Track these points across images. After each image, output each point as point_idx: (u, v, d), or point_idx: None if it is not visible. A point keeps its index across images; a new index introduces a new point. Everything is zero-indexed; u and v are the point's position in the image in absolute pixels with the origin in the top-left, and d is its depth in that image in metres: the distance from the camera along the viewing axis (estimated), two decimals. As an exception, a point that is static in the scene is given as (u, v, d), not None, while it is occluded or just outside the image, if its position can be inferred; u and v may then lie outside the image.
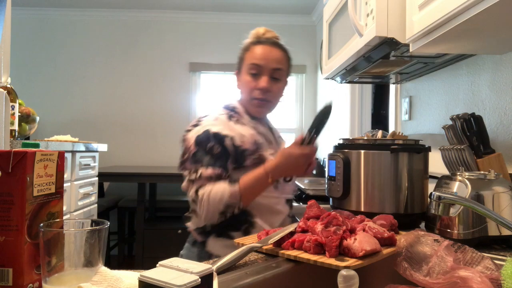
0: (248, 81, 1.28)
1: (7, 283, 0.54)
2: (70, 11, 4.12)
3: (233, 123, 1.24)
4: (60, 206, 0.62)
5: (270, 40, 1.32)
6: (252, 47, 1.30)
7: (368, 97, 2.92)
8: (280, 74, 1.29)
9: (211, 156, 1.17)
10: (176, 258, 0.52)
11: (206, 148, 1.17)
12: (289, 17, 4.15)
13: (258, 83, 1.26)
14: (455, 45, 1.08)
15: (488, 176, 0.96)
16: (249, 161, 1.21)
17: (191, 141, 1.20)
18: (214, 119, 1.25)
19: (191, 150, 1.18)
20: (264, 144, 1.25)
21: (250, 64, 1.27)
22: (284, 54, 1.32)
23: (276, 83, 1.29)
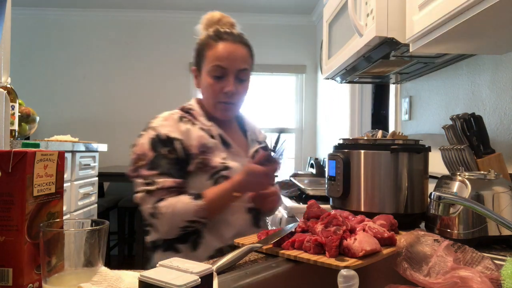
0: (211, 84, 1.16)
1: (7, 283, 0.54)
2: (70, 11, 4.12)
3: (182, 124, 1.15)
4: (60, 206, 0.62)
5: (233, 36, 1.18)
6: (213, 44, 1.16)
7: (368, 97, 2.92)
8: (246, 74, 1.19)
9: (169, 162, 1.09)
10: (176, 258, 0.52)
11: (163, 153, 1.10)
12: (289, 17, 4.15)
13: (224, 87, 1.15)
14: (455, 45, 1.08)
15: (488, 176, 0.96)
16: (192, 166, 1.12)
17: (145, 146, 1.10)
18: (163, 119, 1.16)
19: (148, 156, 1.09)
20: (214, 148, 1.14)
21: (213, 66, 1.15)
22: (248, 51, 1.21)
23: (242, 84, 1.19)
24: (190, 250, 1.10)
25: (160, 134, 1.12)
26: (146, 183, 1.07)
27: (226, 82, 1.15)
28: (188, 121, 1.17)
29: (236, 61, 1.15)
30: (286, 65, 4.14)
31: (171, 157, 1.10)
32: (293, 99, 4.26)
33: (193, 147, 1.12)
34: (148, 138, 1.12)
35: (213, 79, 1.16)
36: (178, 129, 1.14)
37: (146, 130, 1.15)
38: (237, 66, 1.16)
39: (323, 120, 3.83)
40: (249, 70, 1.20)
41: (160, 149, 1.10)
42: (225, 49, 1.15)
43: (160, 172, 1.08)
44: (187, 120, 1.17)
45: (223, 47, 1.15)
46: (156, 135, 1.12)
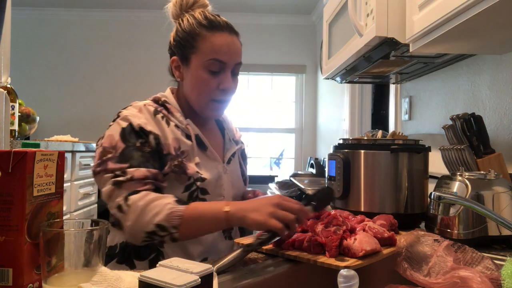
0: (207, 79, 1.03)
1: (7, 283, 0.54)
2: (70, 11, 4.12)
3: (159, 118, 1.03)
4: (60, 206, 0.62)
5: (227, 26, 1.06)
6: (208, 35, 1.03)
7: (368, 97, 2.92)
8: (240, 68, 1.09)
9: (142, 155, 0.95)
10: (176, 258, 0.52)
11: (136, 144, 0.96)
12: (289, 17, 4.15)
13: (220, 83, 1.03)
14: (455, 45, 1.08)
15: (488, 176, 0.96)
16: (168, 167, 0.99)
17: (114, 138, 0.96)
18: (137, 109, 1.03)
19: (117, 147, 0.95)
20: (189, 151, 1.03)
21: (210, 60, 1.02)
22: (240, 42, 1.09)
23: (235, 79, 1.08)
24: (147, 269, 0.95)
25: (133, 124, 0.98)
26: (115, 175, 0.92)
27: (223, 77, 1.04)
28: (164, 117, 1.03)
29: (235, 54, 1.05)
30: (286, 65, 4.14)
31: (145, 150, 0.96)
32: (293, 99, 4.25)
33: (169, 146, 1.00)
34: (119, 129, 0.97)
35: (209, 75, 1.03)
36: (153, 123, 1.01)
37: (115, 121, 1.01)
38: (236, 60, 1.05)
39: (323, 120, 3.83)
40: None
41: (132, 140, 0.96)
42: (224, 42, 1.03)
43: (132, 164, 0.93)
44: (162, 115, 1.04)
45: (221, 39, 1.03)
46: (128, 125, 0.98)
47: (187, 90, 1.08)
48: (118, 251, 1.01)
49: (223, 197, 1.07)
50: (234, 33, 1.06)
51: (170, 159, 1.00)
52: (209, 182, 1.03)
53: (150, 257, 0.99)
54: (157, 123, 1.01)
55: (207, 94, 1.04)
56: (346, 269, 0.51)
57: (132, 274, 0.55)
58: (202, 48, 1.03)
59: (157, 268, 0.49)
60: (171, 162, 0.99)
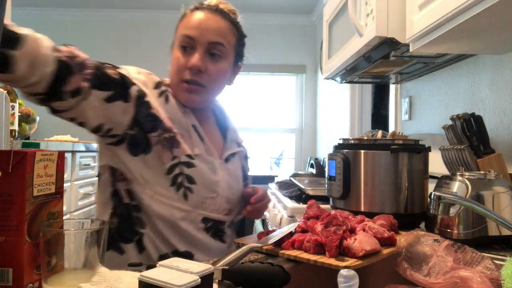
0: (178, 57, 0.98)
1: (7, 283, 0.54)
2: (70, 11, 4.12)
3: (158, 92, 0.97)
4: (60, 206, 0.62)
5: (212, 7, 1.01)
6: (188, 14, 1.01)
7: (368, 97, 2.92)
8: (221, 50, 0.99)
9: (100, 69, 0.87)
10: (176, 258, 0.52)
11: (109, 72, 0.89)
12: (289, 17, 4.15)
13: (189, 61, 0.97)
14: (455, 45, 1.08)
15: (488, 176, 0.96)
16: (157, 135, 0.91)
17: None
18: (139, 71, 0.98)
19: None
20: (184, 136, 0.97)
21: (181, 36, 0.98)
22: (229, 24, 1.01)
23: (215, 62, 0.99)
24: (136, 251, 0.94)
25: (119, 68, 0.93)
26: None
27: (191, 56, 0.97)
28: (163, 93, 0.97)
29: (207, 31, 0.97)
30: (286, 65, 4.14)
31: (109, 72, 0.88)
32: (293, 99, 4.25)
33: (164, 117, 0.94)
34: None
35: (181, 52, 0.98)
36: (149, 91, 0.94)
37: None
38: (209, 38, 0.97)
39: (323, 120, 3.83)
40: (228, 48, 1.00)
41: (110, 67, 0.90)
42: (197, 18, 0.98)
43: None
44: (162, 91, 0.98)
45: (196, 16, 0.99)
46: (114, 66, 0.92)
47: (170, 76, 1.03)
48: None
49: (217, 195, 0.99)
50: (219, 13, 1.00)
51: (162, 127, 0.93)
52: (200, 171, 0.96)
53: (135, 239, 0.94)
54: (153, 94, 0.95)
55: (177, 74, 0.99)
56: (346, 269, 0.51)
57: (132, 274, 0.55)
58: (178, 27, 1.01)
59: (157, 268, 0.49)
60: (162, 131, 0.92)
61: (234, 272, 0.60)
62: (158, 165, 0.92)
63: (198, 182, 0.95)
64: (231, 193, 1.05)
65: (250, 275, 0.62)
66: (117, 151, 0.93)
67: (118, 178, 0.95)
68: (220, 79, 1.02)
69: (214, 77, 0.99)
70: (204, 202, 0.97)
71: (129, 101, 0.90)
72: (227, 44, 1.00)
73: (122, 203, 0.95)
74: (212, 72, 0.99)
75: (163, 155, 0.92)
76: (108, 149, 0.95)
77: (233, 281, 0.59)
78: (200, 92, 0.99)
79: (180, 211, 0.94)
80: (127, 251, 0.94)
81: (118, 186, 0.95)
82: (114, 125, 0.90)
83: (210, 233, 1.00)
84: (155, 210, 0.93)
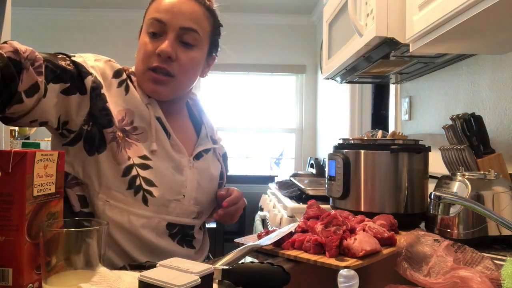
0: (145, 42, 0.89)
1: (7, 283, 0.54)
2: (70, 11, 4.12)
3: (117, 82, 0.88)
4: (60, 206, 0.62)
5: None
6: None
7: (368, 97, 2.92)
8: (195, 37, 0.90)
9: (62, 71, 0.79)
10: (176, 258, 0.52)
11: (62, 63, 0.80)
12: (289, 17, 4.15)
13: (157, 47, 0.87)
14: (455, 45, 1.08)
15: (488, 176, 0.96)
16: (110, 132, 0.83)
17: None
18: (96, 57, 0.89)
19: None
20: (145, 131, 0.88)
21: (151, 19, 0.89)
22: (204, 10, 0.92)
23: (187, 50, 0.90)
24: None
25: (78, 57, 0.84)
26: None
27: (160, 42, 0.88)
28: (123, 83, 0.89)
29: (180, 15, 0.88)
30: (286, 65, 4.14)
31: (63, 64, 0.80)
32: (293, 99, 4.25)
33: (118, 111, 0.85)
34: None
35: (149, 37, 0.89)
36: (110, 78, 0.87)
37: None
38: (181, 23, 0.87)
39: (323, 120, 3.83)
40: (202, 35, 0.91)
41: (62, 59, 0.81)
42: (169, 1, 0.89)
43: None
44: (122, 80, 0.89)
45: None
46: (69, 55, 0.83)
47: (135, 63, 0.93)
48: None
49: (183, 196, 0.90)
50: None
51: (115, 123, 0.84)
52: (159, 172, 0.86)
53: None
54: (112, 84, 0.87)
55: (144, 61, 0.89)
56: (346, 269, 0.51)
57: (132, 274, 0.55)
58: (148, 10, 0.93)
59: (157, 268, 0.49)
60: (116, 128, 0.84)
61: (234, 272, 0.60)
62: (113, 165, 0.83)
63: (158, 184, 0.85)
64: (201, 194, 0.94)
65: (250, 275, 0.62)
66: (72, 152, 0.84)
67: (70, 184, 0.84)
68: (192, 69, 0.92)
69: (185, 66, 0.90)
70: (168, 206, 0.87)
71: (85, 93, 0.82)
72: (201, 31, 0.91)
73: (71, 211, 0.84)
74: (183, 61, 0.89)
75: (118, 154, 0.83)
76: (61, 150, 0.84)
77: (233, 281, 0.59)
78: (168, 83, 0.89)
79: (140, 218, 0.84)
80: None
81: (69, 194, 0.84)
82: (70, 119, 0.82)
83: (176, 240, 0.90)
84: (110, 217, 0.82)
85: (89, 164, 0.83)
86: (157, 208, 0.86)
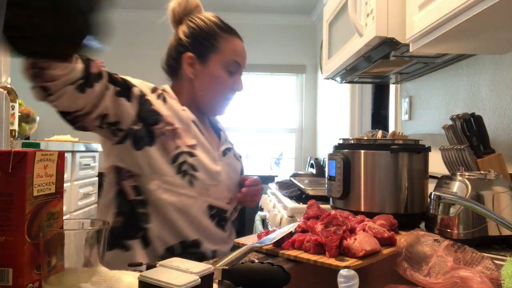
0: (225, 78, 1.11)
1: (7, 283, 0.54)
2: (70, 11, 4.11)
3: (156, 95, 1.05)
4: (60, 206, 0.62)
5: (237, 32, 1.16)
6: (228, 37, 1.12)
7: (368, 97, 2.92)
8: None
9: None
10: (176, 258, 0.52)
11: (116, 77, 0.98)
12: (289, 17, 4.15)
13: (236, 84, 1.14)
14: (455, 45, 1.08)
15: (488, 176, 0.96)
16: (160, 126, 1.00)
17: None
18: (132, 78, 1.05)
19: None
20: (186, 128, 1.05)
21: (231, 60, 1.11)
22: None
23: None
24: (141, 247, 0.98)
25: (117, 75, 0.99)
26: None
27: (237, 79, 1.14)
28: (160, 95, 1.06)
29: (246, 59, 1.16)
30: (286, 65, 4.14)
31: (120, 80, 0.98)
32: (293, 99, 4.25)
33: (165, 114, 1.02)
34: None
35: (227, 74, 1.11)
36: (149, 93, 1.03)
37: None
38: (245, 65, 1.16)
39: (323, 120, 3.83)
40: None
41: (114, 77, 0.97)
42: (241, 46, 1.14)
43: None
44: (159, 94, 1.06)
45: (239, 43, 1.14)
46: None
47: (201, 86, 1.12)
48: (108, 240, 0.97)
49: (219, 183, 1.06)
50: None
51: (164, 121, 1.00)
52: (201, 161, 1.03)
53: (139, 235, 0.98)
54: (152, 96, 1.03)
55: (223, 93, 1.13)
56: (346, 269, 0.51)
57: (132, 274, 0.55)
58: (223, 49, 1.10)
59: (157, 268, 0.49)
60: (164, 124, 1.00)
61: (234, 272, 0.60)
62: (164, 154, 0.99)
63: (200, 170, 1.02)
64: (231, 183, 1.12)
65: (250, 275, 0.62)
66: (123, 149, 0.99)
67: (124, 176, 1.00)
68: None
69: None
70: (208, 189, 1.03)
71: (132, 100, 0.98)
72: None
73: (127, 200, 1.00)
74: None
75: (167, 144, 0.99)
76: (113, 149, 1.00)
77: (233, 281, 0.59)
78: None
79: (188, 198, 1.00)
80: (133, 247, 0.98)
81: (124, 185, 1.00)
82: (120, 120, 0.97)
83: (214, 221, 1.06)
84: (165, 199, 0.98)
85: (139, 157, 0.98)
86: (200, 190, 1.02)
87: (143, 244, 0.98)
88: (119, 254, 0.97)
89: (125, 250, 0.98)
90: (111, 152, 1.02)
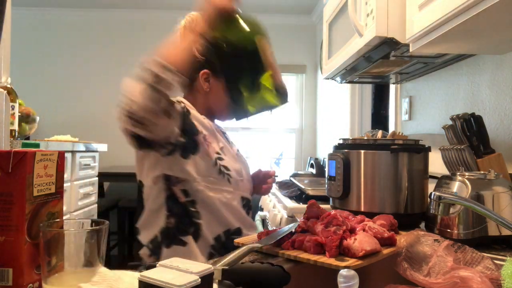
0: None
1: (7, 283, 0.54)
2: (70, 11, 4.12)
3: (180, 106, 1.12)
4: (60, 206, 0.62)
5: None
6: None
7: (368, 97, 2.92)
8: None
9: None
10: (176, 258, 0.52)
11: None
12: (289, 17, 4.15)
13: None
14: (455, 45, 1.08)
15: (488, 176, 0.96)
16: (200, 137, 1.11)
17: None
18: None
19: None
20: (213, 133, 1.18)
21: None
22: None
23: None
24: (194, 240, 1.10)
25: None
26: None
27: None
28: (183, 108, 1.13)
29: None
30: (286, 65, 4.14)
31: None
32: (293, 99, 4.25)
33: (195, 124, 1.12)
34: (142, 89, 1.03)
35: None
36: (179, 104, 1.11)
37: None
38: None
39: (323, 120, 3.83)
40: None
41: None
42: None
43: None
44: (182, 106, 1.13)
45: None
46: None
47: (215, 98, 1.23)
48: (162, 239, 1.10)
49: (243, 178, 1.20)
50: None
51: (199, 130, 1.12)
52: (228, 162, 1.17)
53: (191, 230, 1.10)
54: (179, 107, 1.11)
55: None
56: (346, 269, 0.51)
57: (132, 274, 0.55)
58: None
59: (157, 268, 0.49)
60: (200, 133, 1.12)
61: (234, 272, 0.60)
62: (207, 160, 1.12)
63: (231, 169, 1.17)
64: (249, 177, 1.28)
65: (250, 275, 0.62)
66: (172, 160, 1.08)
67: (173, 182, 1.10)
68: None
69: None
70: (238, 184, 1.18)
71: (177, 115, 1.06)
72: None
73: (178, 202, 1.11)
74: None
75: (209, 150, 1.13)
76: (162, 160, 1.09)
77: (233, 281, 0.59)
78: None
79: (229, 193, 1.15)
80: (188, 242, 1.09)
81: (174, 190, 1.11)
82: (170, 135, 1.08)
83: (245, 210, 1.21)
84: (212, 197, 1.11)
85: (187, 165, 1.09)
86: (234, 186, 1.16)
87: (195, 237, 1.10)
88: (177, 249, 1.09)
89: (183, 245, 1.09)
90: (158, 163, 1.10)
